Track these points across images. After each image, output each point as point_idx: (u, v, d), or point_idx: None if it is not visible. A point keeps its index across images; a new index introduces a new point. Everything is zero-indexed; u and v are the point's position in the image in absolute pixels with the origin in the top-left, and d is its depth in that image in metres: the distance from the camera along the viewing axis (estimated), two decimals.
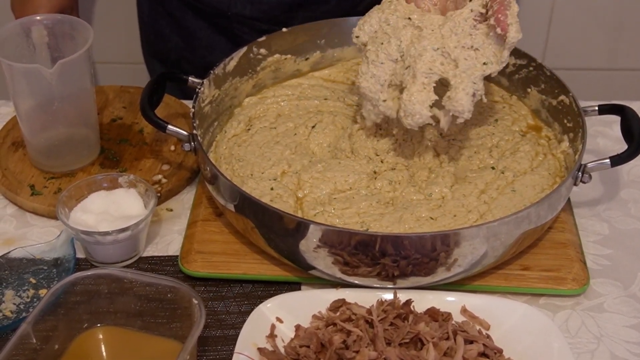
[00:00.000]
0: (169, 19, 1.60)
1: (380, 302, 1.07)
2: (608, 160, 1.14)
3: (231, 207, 1.12)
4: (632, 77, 2.17)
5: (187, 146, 1.18)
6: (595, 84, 2.16)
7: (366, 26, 1.21)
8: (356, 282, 1.09)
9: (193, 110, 1.21)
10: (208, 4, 1.54)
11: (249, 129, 1.29)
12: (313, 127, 1.28)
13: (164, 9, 1.60)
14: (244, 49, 1.33)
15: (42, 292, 1.13)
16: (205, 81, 1.26)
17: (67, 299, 1.03)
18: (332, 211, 1.13)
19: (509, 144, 1.25)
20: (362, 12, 1.50)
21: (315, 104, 1.33)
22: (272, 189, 1.17)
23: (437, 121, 1.15)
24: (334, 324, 1.04)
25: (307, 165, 1.21)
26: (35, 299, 1.12)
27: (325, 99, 1.34)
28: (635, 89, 2.16)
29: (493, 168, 1.20)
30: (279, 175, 1.20)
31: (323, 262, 1.07)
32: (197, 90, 1.24)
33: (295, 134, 1.27)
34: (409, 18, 1.18)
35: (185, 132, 1.18)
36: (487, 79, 1.37)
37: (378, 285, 1.09)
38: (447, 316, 1.05)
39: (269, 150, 1.24)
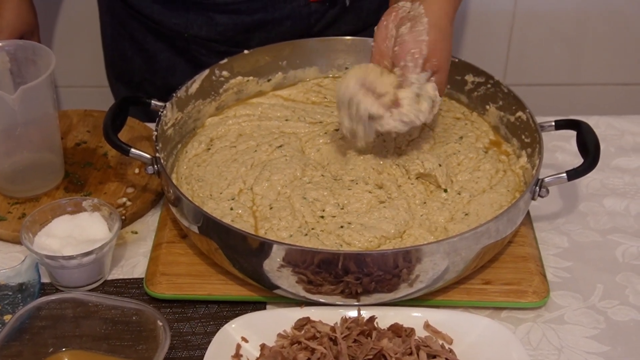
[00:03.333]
0: (131, 42, 1.61)
1: (345, 320, 1.08)
2: (565, 174, 1.16)
3: (195, 228, 1.13)
4: (593, 91, 2.19)
5: (150, 169, 1.19)
6: (558, 99, 2.19)
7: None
8: (321, 300, 1.10)
9: (156, 133, 1.22)
10: (166, 25, 1.55)
11: (209, 149, 1.30)
12: (279, 146, 1.29)
13: (126, 31, 1.60)
14: (206, 71, 1.34)
15: (7, 317, 1.13)
16: (168, 104, 1.27)
17: (33, 323, 1.03)
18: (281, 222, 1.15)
19: (472, 162, 1.27)
20: (318, 34, 1.52)
21: (276, 125, 1.34)
22: (231, 209, 1.18)
23: None
24: (299, 342, 1.04)
25: (258, 177, 1.22)
26: None
27: (287, 120, 1.35)
28: (596, 102, 2.19)
29: (445, 191, 1.22)
30: (237, 194, 1.21)
31: (287, 281, 1.08)
32: (159, 113, 1.25)
33: (256, 150, 1.28)
34: None
35: (148, 156, 1.19)
36: (448, 96, 1.39)
37: (342, 303, 1.10)
38: (410, 332, 1.06)
39: (226, 169, 1.25)
